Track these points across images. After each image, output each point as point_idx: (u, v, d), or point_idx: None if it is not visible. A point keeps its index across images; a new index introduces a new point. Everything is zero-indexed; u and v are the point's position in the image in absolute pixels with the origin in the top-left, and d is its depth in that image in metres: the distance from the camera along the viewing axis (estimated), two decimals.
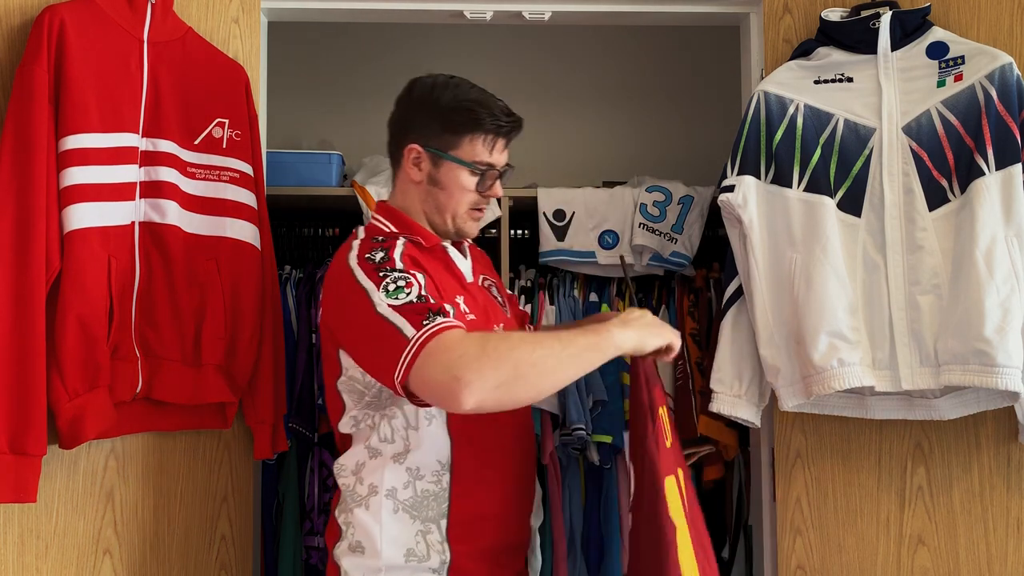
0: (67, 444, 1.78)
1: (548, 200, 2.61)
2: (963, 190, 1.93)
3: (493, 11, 2.30)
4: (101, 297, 1.81)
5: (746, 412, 2.03)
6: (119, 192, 1.86)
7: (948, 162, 1.95)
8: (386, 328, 1.52)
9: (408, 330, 1.50)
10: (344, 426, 1.73)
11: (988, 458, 2.07)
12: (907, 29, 2.03)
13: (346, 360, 1.67)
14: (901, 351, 1.93)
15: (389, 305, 1.53)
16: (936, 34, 2.03)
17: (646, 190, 2.58)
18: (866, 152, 2.00)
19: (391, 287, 1.56)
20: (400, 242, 1.67)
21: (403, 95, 1.79)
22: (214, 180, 1.99)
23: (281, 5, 2.26)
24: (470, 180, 1.74)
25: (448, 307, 1.56)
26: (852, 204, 1.99)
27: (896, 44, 2.03)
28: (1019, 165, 1.90)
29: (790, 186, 2.00)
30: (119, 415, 1.85)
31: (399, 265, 1.61)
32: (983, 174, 1.90)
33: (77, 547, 1.90)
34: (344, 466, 1.73)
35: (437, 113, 1.73)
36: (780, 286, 1.97)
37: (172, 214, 1.91)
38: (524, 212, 2.70)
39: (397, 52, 3.25)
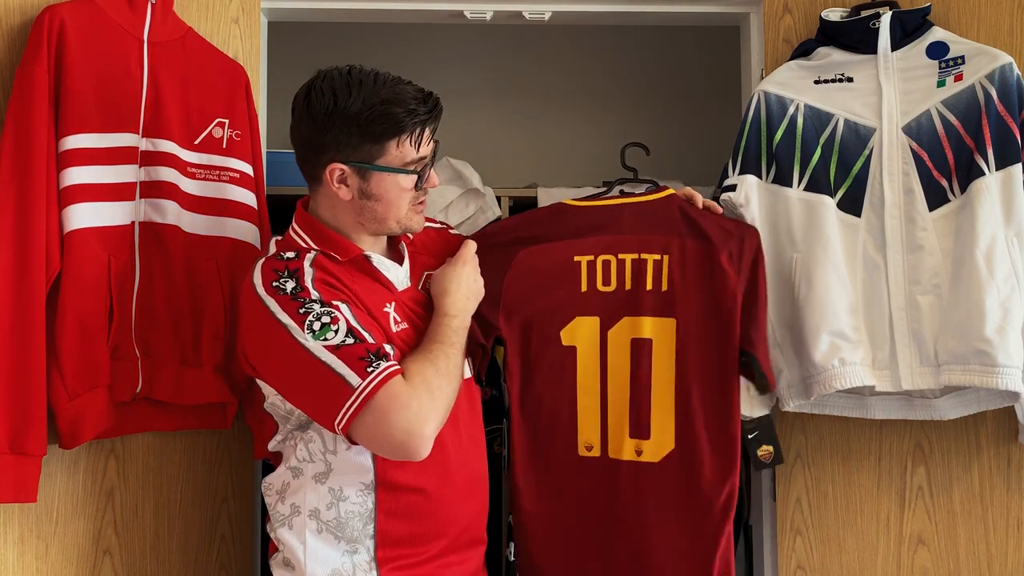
0: (67, 444, 1.78)
1: (548, 200, 2.61)
2: (963, 190, 1.93)
3: (493, 11, 2.29)
4: (101, 297, 1.81)
5: (751, 411, 2.02)
6: (119, 192, 1.86)
7: (948, 162, 1.95)
8: (324, 373, 1.50)
9: (352, 378, 1.48)
10: (272, 445, 1.72)
11: (988, 458, 2.07)
12: (907, 29, 2.03)
13: (267, 388, 1.66)
14: (901, 351, 1.93)
15: (324, 347, 1.50)
16: (936, 34, 2.03)
17: (646, 190, 2.57)
18: (866, 152, 2.00)
19: (316, 325, 1.52)
20: (307, 263, 1.61)
21: (301, 107, 1.64)
22: (214, 180, 1.99)
23: (281, 5, 2.26)
24: (407, 182, 1.66)
25: (387, 347, 1.55)
26: (852, 204, 1.99)
27: (896, 44, 2.03)
28: (1019, 165, 1.90)
29: (790, 186, 2.00)
30: (119, 415, 1.85)
31: (315, 295, 1.55)
32: (983, 174, 1.90)
33: (77, 547, 1.90)
34: (270, 485, 1.71)
35: (352, 125, 1.59)
36: (781, 286, 1.97)
37: (172, 214, 1.91)
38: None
39: (397, 52, 3.25)
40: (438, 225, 1.97)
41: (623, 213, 1.91)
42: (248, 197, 2.03)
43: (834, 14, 2.09)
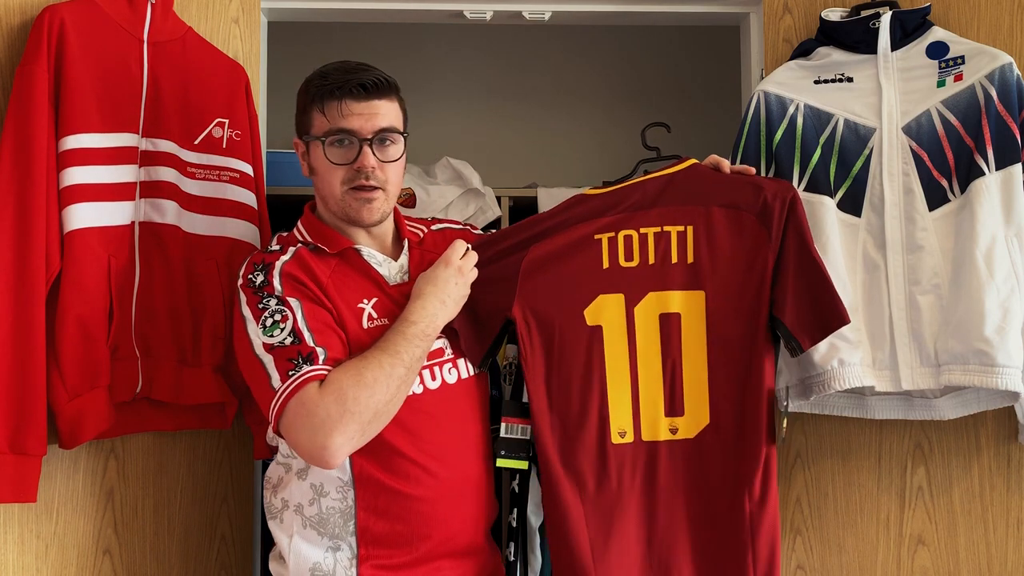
0: (67, 444, 1.78)
1: (548, 200, 2.61)
2: (963, 190, 1.93)
3: (493, 11, 2.29)
4: (101, 297, 1.81)
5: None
6: (119, 192, 1.86)
7: (948, 162, 1.95)
8: (259, 371, 1.57)
9: (275, 380, 1.54)
10: (269, 437, 1.74)
11: (988, 458, 2.07)
12: (907, 29, 2.03)
13: None
14: (901, 351, 1.93)
15: (264, 344, 1.57)
16: (936, 34, 2.03)
17: None
18: (866, 152, 2.00)
19: (268, 321, 1.58)
20: (286, 256, 1.66)
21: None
22: (214, 180, 1.99)
23: (281, 5, 2.26)
24: (332, 153, 1.67)
25: (320, 351, 1.55)
26: (852, 204, 1.99)
27: (896, 44, 2.03)
28: (1019, 165, 1.90)
29: None
30: (119, 415, 1.85)
31: (278, 289, 1.61)
32: (983, 174, 1.90)
33: (77, 547, 1.90)
34: (269, 479, 1.75)
35: (298, 99, 1.74)
36: None
37: (172, 214, 1.91)
38: (524, 212, 2.69)
39: (397, 52, 3.25)
40: (458, 227, 1.96)
41: (644, 187, 1.86)
42: (248, 197, 2.03)
43: (834, 14, 2.09)
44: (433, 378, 1.70)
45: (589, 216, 1.84)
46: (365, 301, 1.68)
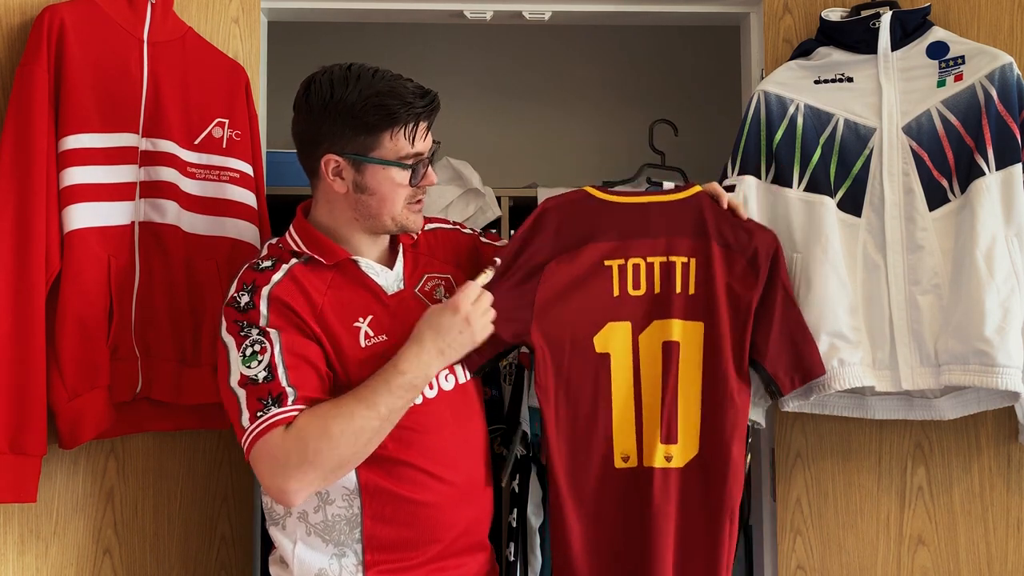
0: (67, 444, 1.78)
1: None
2: (963, 190, 1.93)
3: (493, 11, 2.29)
4: (101, 297, 1.81)
5: (752, 413, 2.01)
6: (119, 192, 1.86)
7: (948, 162, 1.95)
8: (233, 403, 1.57)
9: (245, 418, 1.54)
10: None
11: (988, 458, 2.07)
12: (907, 29, 2.03)
13: None
14: (901, 351, 1.93)
15: (240, 376, 1.56)
16: (936, 34, 2.03)
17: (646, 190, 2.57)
18: (866, 152, 2.00)
19: (248, 351, 1.57)
20: (276, 277, 1.62)
21: (301, 101, 1.66)
22: (214, 180, 1.99)
23: (281, 5, 2.26)
24: (402, 177, 1.65)
25: (290, 391, 1.54)
26: (852, 204, 1.99)
27: (896, 44, 2.03)
28: (1019, 165, 1.90)
29: (790, 186, 2.00)
30: (119, 415, 1.85)
31: (263, 316, 1.58)
32: (983, 174, 1.90)
33: (77, 547, 1.90)
34: None
35: (347, 116, 1.60)
36: None
37: (172, 214, 1.91)
38: (524, 212, 2.68)
39: (397, 52, 3.25)
40: (449, 226, 1.94)
41: (650, 213, 1.87)
42: (248, 197, 2.03)
43: (834, 14, 2.09)
44: (431, 387, 1.68)
45: (600, 236, 1.85)
46: (361, 319, 1.65)
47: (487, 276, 1.74)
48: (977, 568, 2.06)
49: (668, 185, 2.00)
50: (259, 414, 1.52)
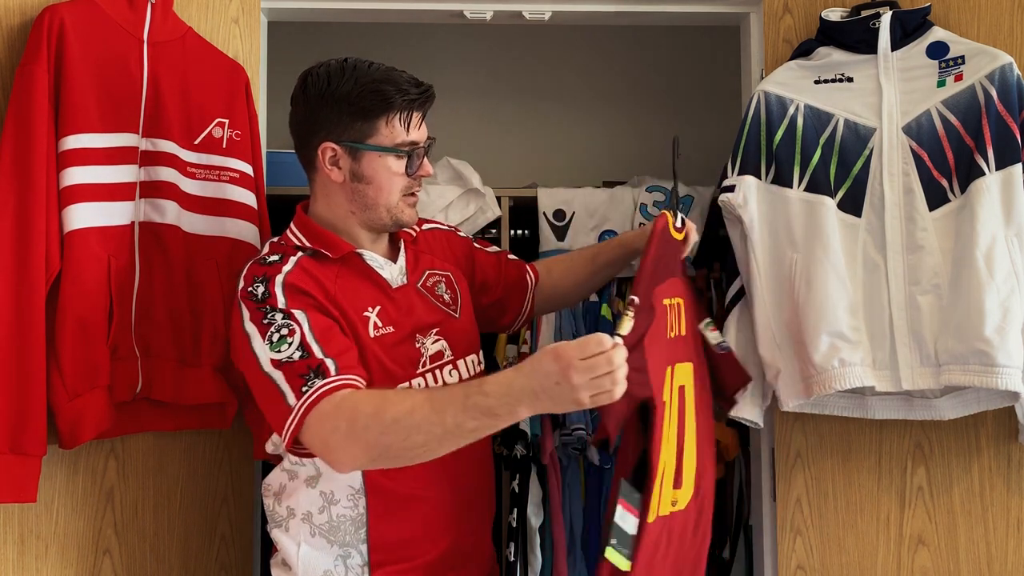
0: (67, 444, 1.78)
1: (548, 200, 2.61)
2: (963, 190, 1.93)
3: (493, 11, 2.29)
4: (101, 297, 1.81)
5: (750, 412, 2.02)
6: (119, 192, 1.86)
7: (948, 162, 1.95)
8: (271, 389, 1.51)
9: (290, 397, 1.48)
10: (270, 447, 1.71)
11: (988, 458, 2.07)
12: (907, 29, 2.03)
13: None
14: (901, 351, 1.93)
15: (272, 361, 1.51)
16: (936, 34, 2.03)
17: (646, 190, 2.58)
18: (866, 152, 2.00)
19: (275, 336, 1.53)
20: (288, 265, 1.61)
21: (298, 93, 1.68)
22: (214, 180, 1.99)
23: (281, 5, 2.26)
24: (397, 165, 1.65)
25: (330, 362, 1.50)
26: (852, 204, 1.99)
27: (896, 44, 2.03)
28: (1019, 165, 1.90)
29: (790, 186, 2.00)
30: (119, 415, 1.85)
31: (281, 302, 1.56)
32: (983, 174, 1.91)
33: (77, 547, 1.89)
34: (269, 486, 1.72)
35: (343, 103, 1.62)
36: (780, 286, 1.97)
37: (172, 214, 1.91)
38: (524, 212, 2.70)
39: (397, 52, 3.24)
40: (445, 227, 1.94)
41: (675, 250, 1.80)
42: (248, 197, 2.03)
43: (834, 14, 2.09)
44: (436, 381, 1.68)
45: (659, 275, 1.72)
46: (370, 309, 1.65)
47: (628, 322, 1.48)
48: (977, 568, 2.06)
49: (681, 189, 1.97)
50: (304, 389, 1.48)
